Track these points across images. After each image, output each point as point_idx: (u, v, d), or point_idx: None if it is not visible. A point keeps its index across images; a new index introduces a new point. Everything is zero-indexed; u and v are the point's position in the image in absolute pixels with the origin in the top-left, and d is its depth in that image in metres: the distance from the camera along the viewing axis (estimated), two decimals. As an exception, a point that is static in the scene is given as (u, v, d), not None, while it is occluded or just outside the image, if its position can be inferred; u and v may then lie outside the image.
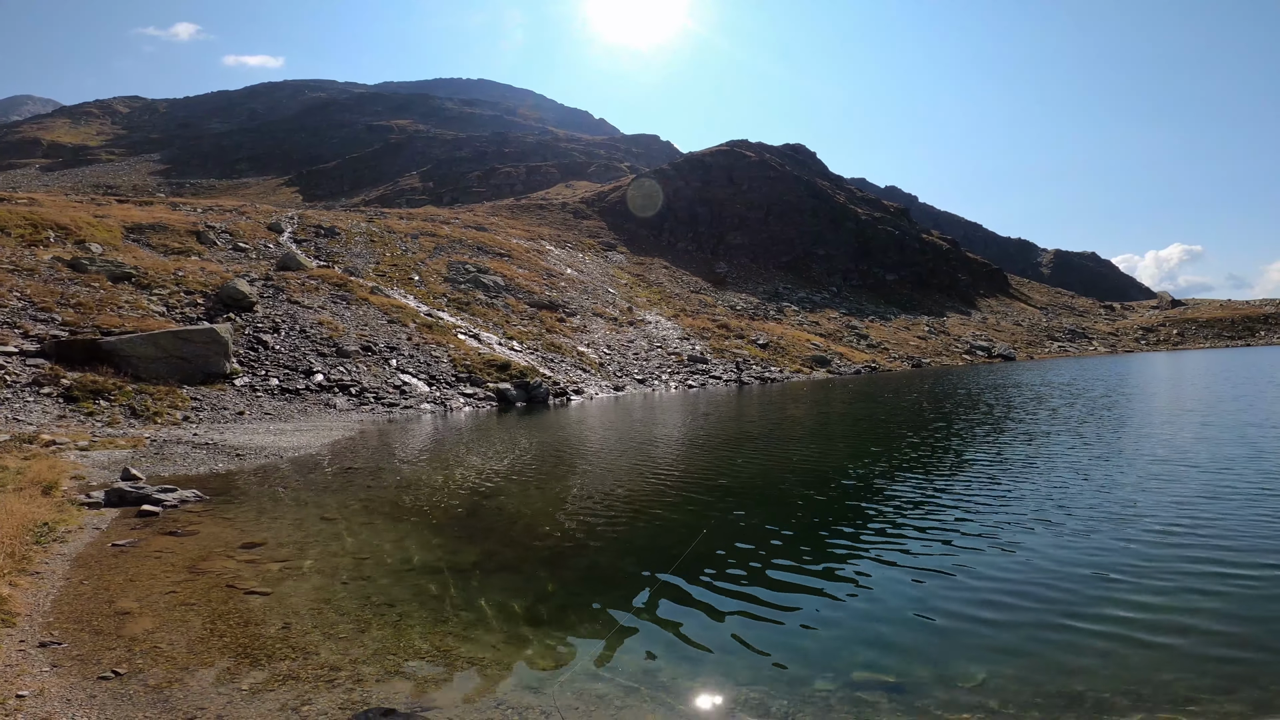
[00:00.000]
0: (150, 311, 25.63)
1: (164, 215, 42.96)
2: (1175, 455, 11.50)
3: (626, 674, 4.61)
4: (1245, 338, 79.00)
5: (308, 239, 45.13)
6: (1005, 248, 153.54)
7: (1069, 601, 5.51)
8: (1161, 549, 6.68)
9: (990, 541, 7.13)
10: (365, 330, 29.97)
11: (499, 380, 28.95)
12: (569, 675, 4.61)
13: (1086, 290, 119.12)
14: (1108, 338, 78.97)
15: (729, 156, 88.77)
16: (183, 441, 15.41)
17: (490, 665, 4.80)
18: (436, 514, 9.38)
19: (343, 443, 16.57)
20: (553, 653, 5.01)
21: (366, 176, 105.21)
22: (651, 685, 4.46)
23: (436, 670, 4.73)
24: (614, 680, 4.52)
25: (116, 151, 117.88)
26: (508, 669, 4.75)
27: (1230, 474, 9.82)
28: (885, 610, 5.54)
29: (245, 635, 5.26)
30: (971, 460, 12.05)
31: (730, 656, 4.82)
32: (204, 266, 32.53)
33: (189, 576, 6.63)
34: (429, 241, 50.87)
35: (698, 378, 38.65)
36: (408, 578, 6.66)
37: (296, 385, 23.25)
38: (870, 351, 56.72)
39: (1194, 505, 8.27)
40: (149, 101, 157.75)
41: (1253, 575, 5.85)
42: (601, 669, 4.70)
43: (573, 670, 4.69)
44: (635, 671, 4.64)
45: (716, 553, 7.16)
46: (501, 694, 4.39)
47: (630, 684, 4.47)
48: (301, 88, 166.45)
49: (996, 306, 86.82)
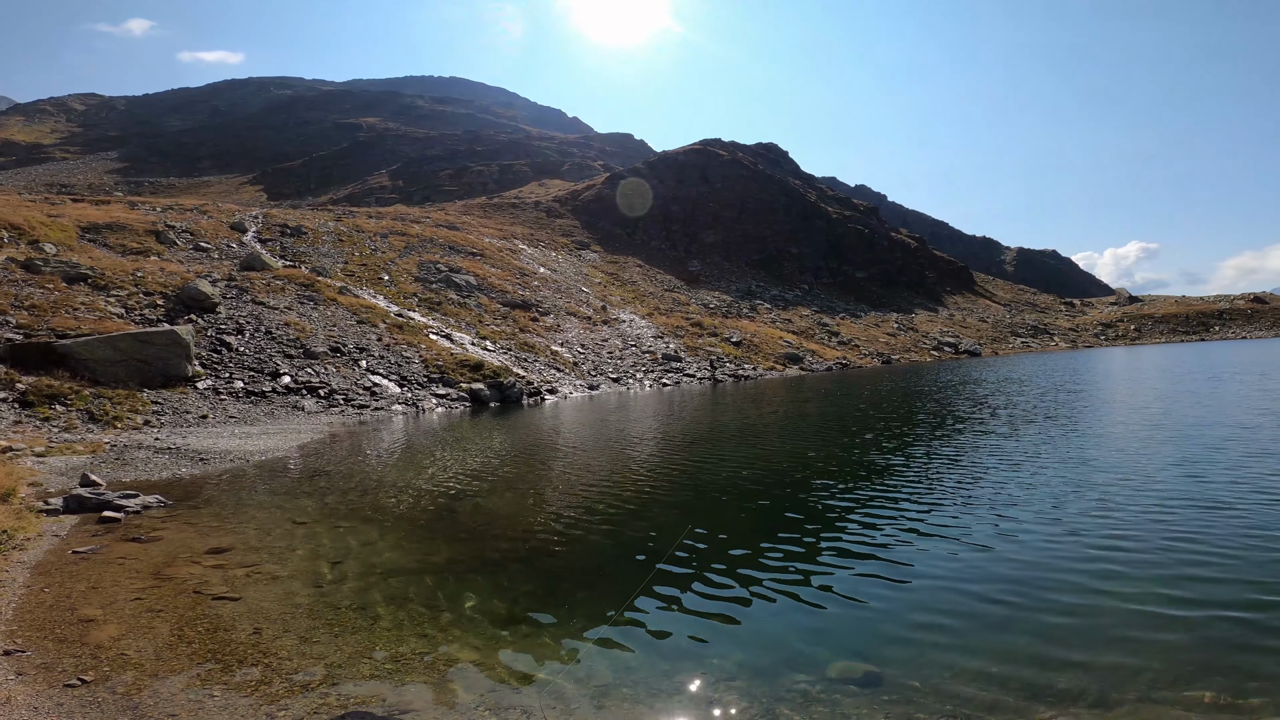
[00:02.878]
0: (108, 313, 24.87)
1: (121, 214, 41.72)
2: (1141, 452, 11.82)
3: (606, 672, 4.60)
4: (1200, 333, 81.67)
5: (273, 238, 44.20)
6: (971, 246, 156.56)
7: (1037, 596, 5.62)
8: (1128, 545, 6.84)
9: (961, 538, 7.24)
10: (334, 331, 29.45)
11: (472, 380, 28.67)
12: (548, 675, 4.58)
13: (1048, 287, 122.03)
14: (1068, 333, 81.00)
15: (702, 155, 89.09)
16: (144, 446, 14.97)
17: (469, 666, 4.75)
18: (410, 516, 9.25)
19: (312, 445, 16.26)
20: (532, 653, 4.97)
21: (334, 175, 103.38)
22: (632, 683, 4.45)
23: (413, 673, 4.67)
24: (594, 679, 4.50)
25: (72, 150, 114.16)
26: (487, 670, 4.70)
27: (1196, 473, 10.11)
28: (859, 606, 5.60)
29: (214, 641, 5.16)
30: (945, 458, 12.23)
31: (709, 653, 4.84)
32: (164, 267, 31.66)
33: (154, 583, 6.48)
34: (399, 241, 50.18)
35: (672, 376, 38.72)
36: (382, 580, 6.55)
37: (262, 388, 22.75)
38: (841, 348, 57.39)
39: (1162, 501, 8.50)
40: (106, 99, 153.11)
41: (1218, 571, 6.02)
42: (581, 668, 4.68)
43: (552, 670, 4.66)
44: (615, 669, 4.63)
45: (694, 551, 7.17)
46: (481, 695, 4.34)
47: (611, 682, 4.46)
48: (266, 84, 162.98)
49: (963, 304, 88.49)
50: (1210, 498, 8.14)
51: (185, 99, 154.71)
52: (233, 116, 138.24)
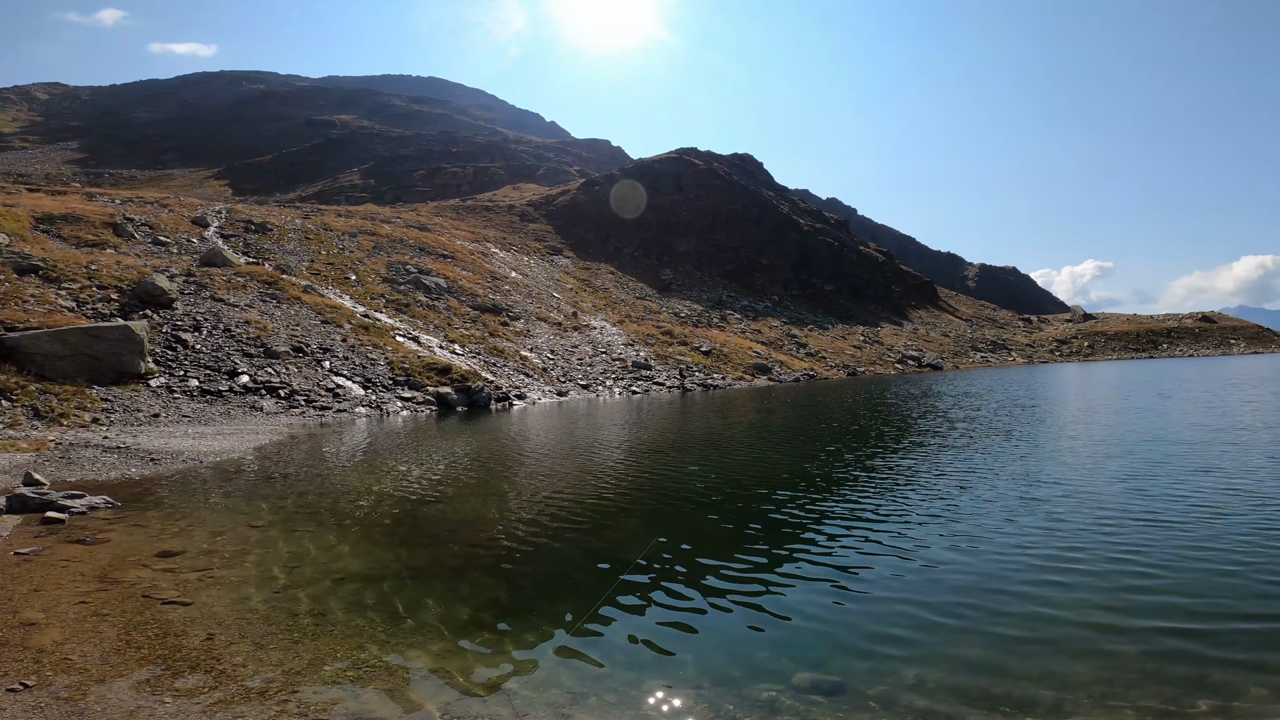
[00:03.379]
0: (58, 306, 23.97)
1: (78, 206, 40.36)
2: (1088, 466, 12.10)
3: (575, 681, 4.56)
4: (1149, 350, 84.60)
5: (236, 234, 43.17)
6: (936, 261, 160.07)
7: (992, 608, 5.69)
8: (1077, 558, 6.97)
9: (919, 551, 7.31)
10: (297, 330, 28.80)
11: (439, 384, 28.26)
12: (516, 684, 4.51)
13: (1007, 303, 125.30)
14: (1025, 349, 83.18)
15: (678, 164, 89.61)
16: (91, 445, 14.41)
17: (432, 675, 4.66)
18: (373, 521, 9.03)
19: (270, 447, 15.83)
20: (499, 661, 4.89)
21: (304, 172, 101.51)
22: (598, 691, 4.41)
23: (375, 681, 4.55)
24: (562, 687, 4.45)
25: (31, 139, 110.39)
26: (450, 679, 4.60)
27: (1140, 488, 10.37)
28: (821, 617, 5.63)
29: (165, 646, 4.98)
30: (905, 471, 12.38)
31: (677, 662, 4.83)
32: (120, 260, 30.67)
33: (100, 586, 6.24)
34: (368, 240, 49.41)
35: (642, 384, 38.70)
36: (343, 587, 6.37)
37: (219, 387, 22.10)
38: (809, 360, 58.03)
39: (1120, 513, 8.68)
40: (71, 89, 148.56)
41: (1163, 584, 6.15)
42: (549, 677, 4.63)
43: (518, 679, 4.59)
44: (581, 679, 4.59)
45: (658, 560, 7.13)
46: (447, 704, 4.25)
47: (578, 691, 4.41)
48: (238, 78, 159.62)
49: (926, 318, 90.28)
50: (1153, 511, 8.35)
51: (154, 91, 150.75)
52: (201, 110, 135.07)
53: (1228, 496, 8.92)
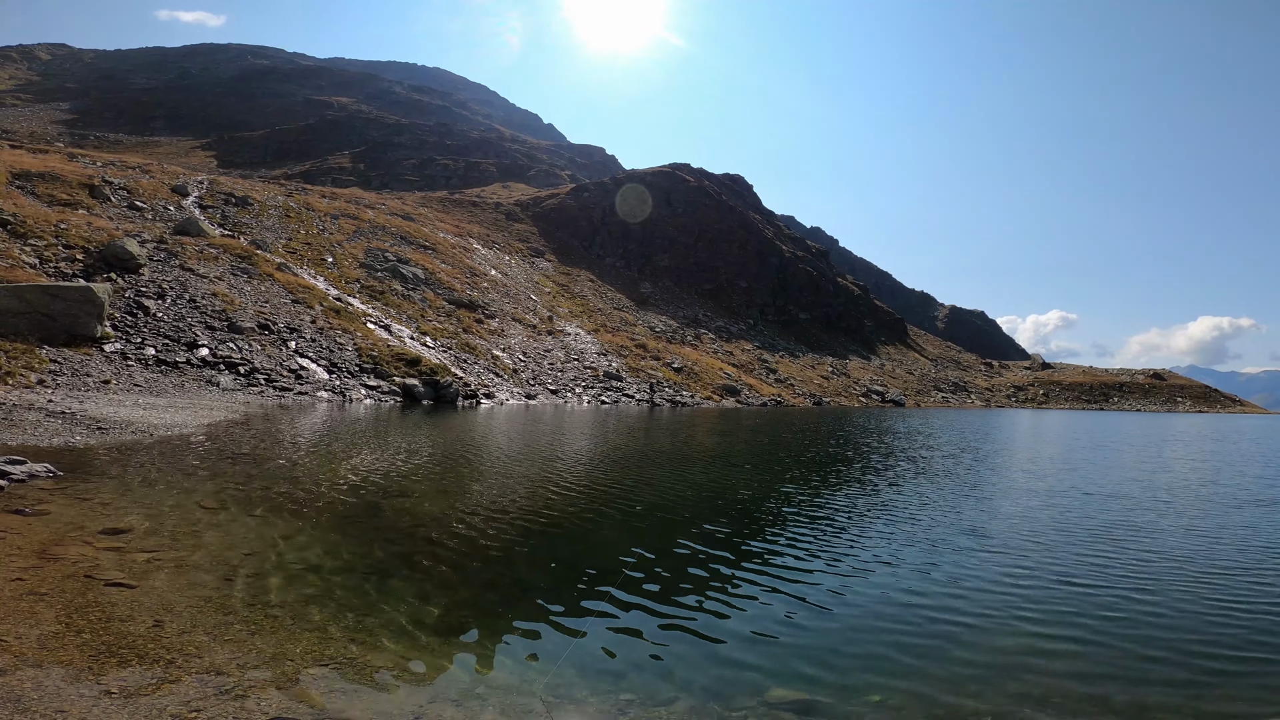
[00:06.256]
0: (20, 262, 23.38)
1: (58, 165, 39.47)
2: (1031, 510, 12.43)
3: (545, 688, 4.52)
4: (1100, 402, 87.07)
5: (215, 206, 42.50)
6: (908, 299, 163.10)
7: (962, 624, 5.89)
8: (1047, 578, 7.18)
9: (886, 573, 7.49)
10: (265, 308, 28.39)
11: (407, 375, 28.04)
12: (486, 690, 4.45)
13: (972, 346, 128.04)
14: (984, 392, 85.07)
15: (669, 178, 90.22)
16: (35, 407, 14.03)
17: (402, 675, 4.54)
18: (332, 510, 8.82)
19: (224, 424, 15.54)
20: (470, 663, 4.83)
21: (294, 150, 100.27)
22: (573, 701, 4.40)
23: (342, 679, 4.39)
24: (534, 694, 4.41)
25: (23, 97, 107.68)
26: (421, 680, 4.51)
27: (1124, 525, 10.70)
28: (796, 631, 5.72)
29: (109, 633, 4.71)
30: (874, 490, 12.60)
31: (650, 675, 4.80)
32: (91, 222, 30.01)
33: (38, 562, 5.91)
34: (349, 224, 48.93)
35: (611, 394, 38.75)
36: (303, 577, 6.17)
37: (176, 358, 21.69)
38: (778, 386, 58.60)
39: (1088, 541, 8.95)
40: (75, 50, 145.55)
41: (1126, 605, 6.40)
42: (522, 681, 4.59)
43: (491, 684, 4.53)
44: (554, 685, 4.56)
45: (628, 574, 7.14)
46: (416, 705, 4.14)
47: (551, 699, 4.38)
48: (244, 52, 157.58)
49: (894, 354, 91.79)
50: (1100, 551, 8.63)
51: (158, 58, 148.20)
52: (201, 80, 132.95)
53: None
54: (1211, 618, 6.27)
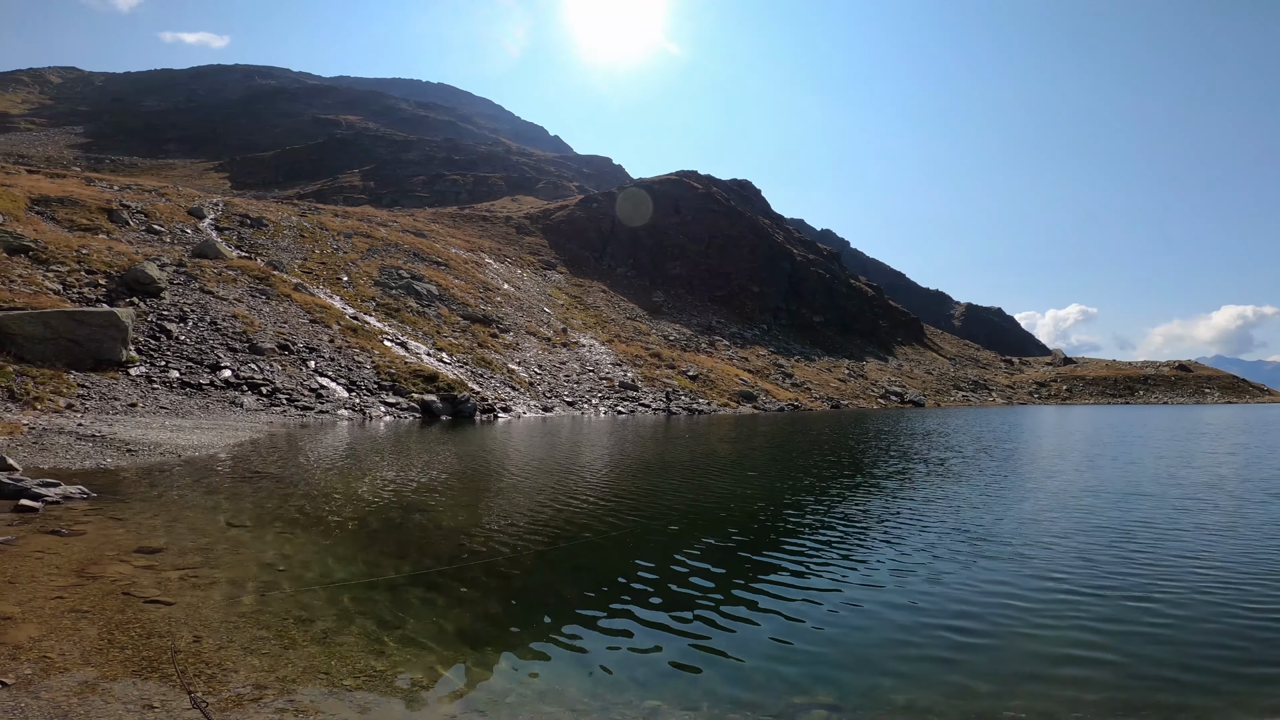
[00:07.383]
0: (44, 288, 23.88)
1: (76, 189, 40.32)
2: (1089, 495, 12.31)
3: (573, 697, 4.58)
4: (1125, 396, 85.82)
5: (231, 227, 43.18)
6: (923, 298, 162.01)
7: (987, 629, 5.86)
8: (1075, 582, 7.11)
9: (915, 571, 7.47)
10: (284, 328, 28.78)
11: (425, 391, 28.27)
12: (516, 699, 4.52)
13: (991, 343, 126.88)
14: (1005, 390, 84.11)
15: (677, 186, 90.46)
16: (65, 431, 14.33)
17: (432, 686, 4.64)
18: (357, 526, 8.95)
19: (249, 444, 15.77)
20: (495, 674, 4.91)
21: (304, 169, 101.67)
22: (600, 709, 4.45)
23: (375, 691, 4.50)
24: (562, 703, 4.47)
25: (38, 121, 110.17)
26: (450, 691, 4.59)
27: (1148, 521, 10.59)
28: (817, 636, 5.72)
29: (150, 648, 4.80)
30: (896, 495, 12.53)
31: (677, 682, 4.86)
32: (112, 246, 30.61)
33: (78, 581, 6.03)
34: (363, 242, 49.50)
35: (627, 404, 38.80)
36: (331, 592, 6.29)
37: (200, 380, 22.03)
38: (794, 390, 58.37)
39: (1114, 543, 8.87)
40: (85, 74, 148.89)
41: (1149, 611, 6.33)
42: (549, 690, 4.66)
43: (519, 694, 4.61)
44: (581, 695, 4.61)
45: (654, 579, 7.17)
46: (448, 716, 4.26)
47: (580, 707, 4.44)
48: (251, 73, 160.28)
49: (911, 354, 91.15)
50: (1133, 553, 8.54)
51: (166, 80, 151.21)
52: (210, 102, 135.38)
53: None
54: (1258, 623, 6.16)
